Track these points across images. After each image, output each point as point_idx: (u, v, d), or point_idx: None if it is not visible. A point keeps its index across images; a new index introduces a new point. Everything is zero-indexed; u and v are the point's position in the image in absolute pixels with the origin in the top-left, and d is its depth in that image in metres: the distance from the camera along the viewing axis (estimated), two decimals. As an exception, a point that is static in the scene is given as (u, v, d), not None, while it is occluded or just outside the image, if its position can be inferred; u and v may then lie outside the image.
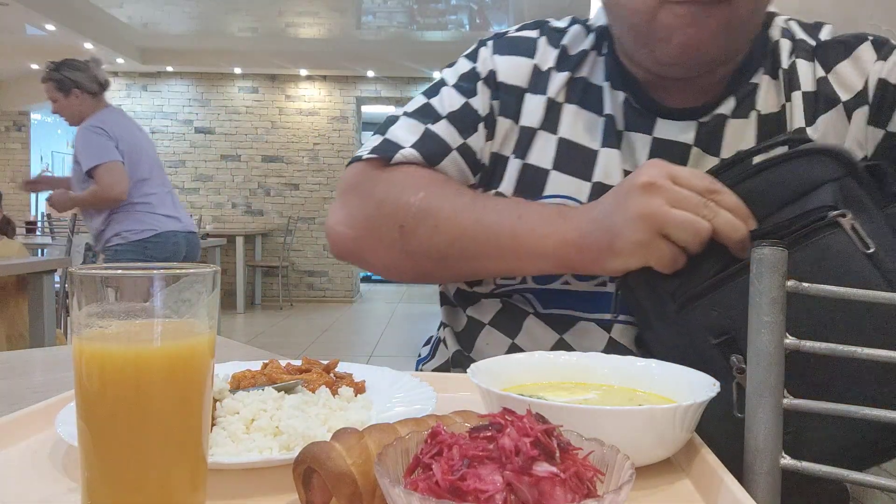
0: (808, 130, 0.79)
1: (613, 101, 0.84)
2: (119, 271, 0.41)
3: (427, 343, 1.05)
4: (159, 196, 3.19)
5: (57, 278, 3.75)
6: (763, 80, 0.82)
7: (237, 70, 8.53)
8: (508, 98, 0.86)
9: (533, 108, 0.85)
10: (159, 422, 0.41)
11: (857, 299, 0.56)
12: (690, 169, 0.71)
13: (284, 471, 0.47)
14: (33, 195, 8.82)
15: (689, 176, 0.68)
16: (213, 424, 0.56)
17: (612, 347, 0.80)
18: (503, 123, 0.86)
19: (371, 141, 0.88)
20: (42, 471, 0.53)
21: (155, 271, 0.41)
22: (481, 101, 0.86)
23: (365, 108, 9.27)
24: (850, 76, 0.80)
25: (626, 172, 0.80)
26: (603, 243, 0.70)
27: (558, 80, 0.85)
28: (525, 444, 0.36)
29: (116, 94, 8.62)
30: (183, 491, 0.42)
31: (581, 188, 0.82)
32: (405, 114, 0.89)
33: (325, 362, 0.73)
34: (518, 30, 0.91)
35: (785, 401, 0.55)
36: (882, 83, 0.78)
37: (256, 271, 8.51)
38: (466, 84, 0.88)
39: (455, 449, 0.37)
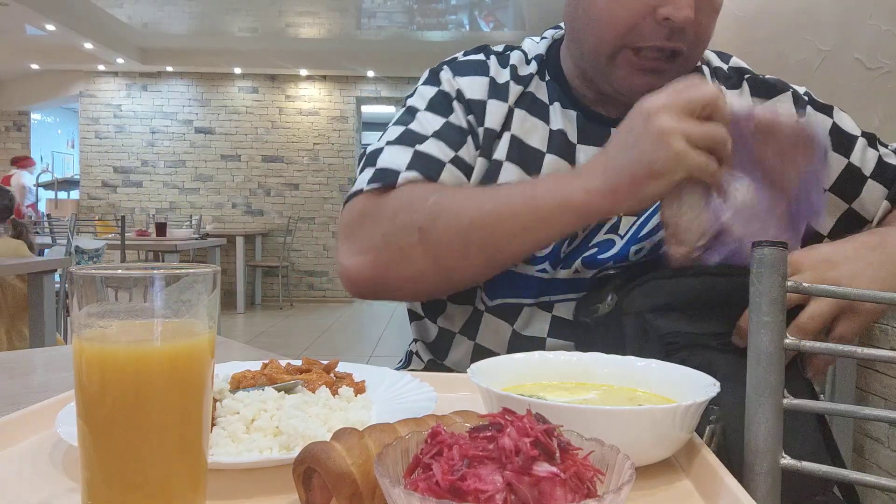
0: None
1: (565, 118, 0.93)
2: (119, 271, 0.41)
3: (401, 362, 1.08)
4: None
5: (57, 278, 3.75)
6: None
7: (237, 70, 8.53)
8: (476, 111, 0.92)
9: (494, 113, 0.92)
10: (159, 422, 0.41)
11: (858, 298, 0.56)
12: (683, 86, 0.73)
13: (284, 471, 0.47)
14: (34, 195, 8.82)
15: (688, 95, 0.71)
16: (213, 424, 0.56)
17: (557, 324, 0.88)
18: (479, 133, 0.93)
19: (363, 175, 0.89)
20: (42, 471, 0.53)
21: (155, 271, 0.41)
22: (458, 118, 0.92)
23: (365, 108, 9.27)
24: None
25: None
26: (638, 173, 0.71)
27: (514, 91, 0.94)
28: (525, 444, 0.36)
29: (116, 95, 8.62)
30: (183, 491, 0.42)
31: (526, 179, 0.89)
32: (388, 143, 0.91)
33: (325, 362, 0.73)
34: (465, 55, 1.00)
35: (785, 401, 0.55)
36: None
37: (256, 271, 8.51)
38: (440, 105, 0.94)
39: (455, 449, 0.37)
